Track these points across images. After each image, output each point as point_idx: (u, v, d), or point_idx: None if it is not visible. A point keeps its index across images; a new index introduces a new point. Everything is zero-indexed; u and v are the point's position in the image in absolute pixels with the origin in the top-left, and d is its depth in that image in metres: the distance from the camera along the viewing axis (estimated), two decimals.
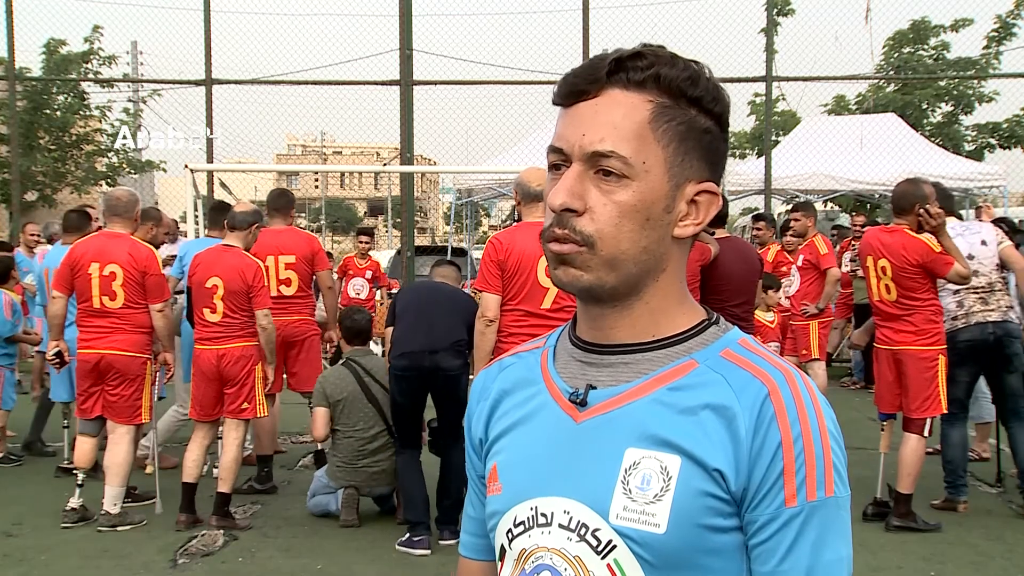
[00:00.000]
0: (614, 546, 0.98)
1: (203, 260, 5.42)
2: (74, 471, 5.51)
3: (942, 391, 5.18)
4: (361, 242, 11.20)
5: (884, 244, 5.22)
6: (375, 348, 11.22)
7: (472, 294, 13.67)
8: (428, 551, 4.92)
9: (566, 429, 1.05)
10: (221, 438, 5.55)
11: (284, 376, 6.31)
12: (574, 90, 1.02)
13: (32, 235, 9.65)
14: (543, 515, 1.03)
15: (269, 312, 5.40)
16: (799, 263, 7.77)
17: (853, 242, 10.45)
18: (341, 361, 5.79)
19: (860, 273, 9.68)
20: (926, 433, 5.23)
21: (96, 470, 5.79)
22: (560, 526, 1.02)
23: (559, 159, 1.03)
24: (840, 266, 8.73)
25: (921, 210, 5.07)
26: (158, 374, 5.73)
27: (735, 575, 0.99)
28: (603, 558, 0.99)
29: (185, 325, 5.98)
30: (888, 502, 5.41)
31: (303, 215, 53.29)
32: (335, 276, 11.52)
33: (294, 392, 6.52)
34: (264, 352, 5.43)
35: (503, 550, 1.09)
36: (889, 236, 5.25)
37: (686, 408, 0.99)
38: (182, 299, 6.43)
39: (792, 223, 8.07)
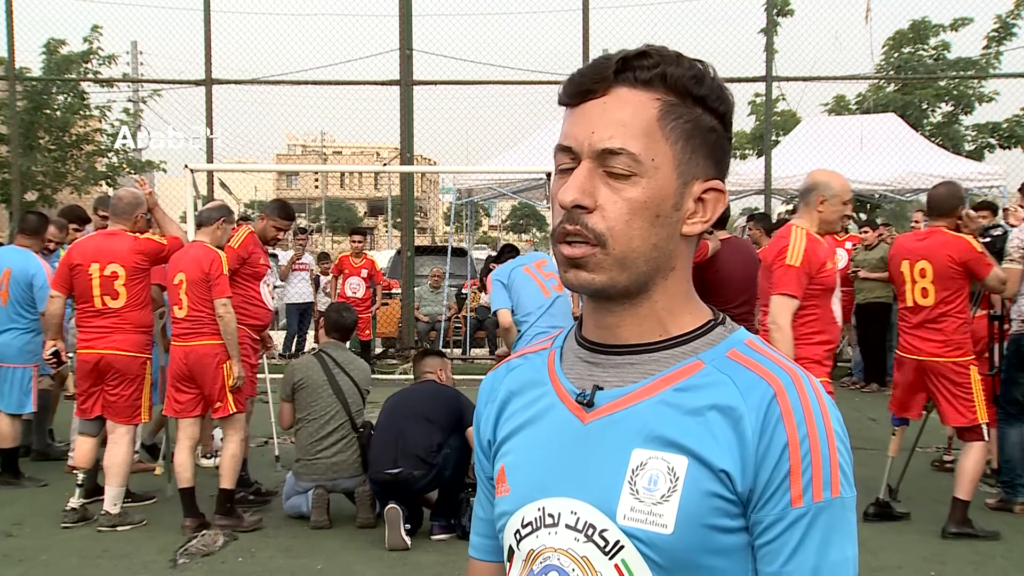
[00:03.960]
0: (621, 546, 0.98)
1: (173, 258, 5.44)
2: (74, 471, 5.51)
3: (979, 401, 5.06)
4: (355, 241, 11.24)
5: (923, 246, 5.12)
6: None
7: (475, 292, 13.60)
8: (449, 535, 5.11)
9: (573, 430, 1.05)
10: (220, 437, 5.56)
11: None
12: (581, 89, 1.02)
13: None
14: (550, 516, 1.04)
15: (228, 301, 5.32)
16: None
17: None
18: (313, 351, 5.79)
19: (861, 274, 9.73)
20: (986, 437, 5.16)
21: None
22: (567, 527, 1.02)
23: (568, 158, 1.03)
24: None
25: (964, 212, 5.07)
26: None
27: (741, 575, 0.99)
28: (611, 558, 0.99)
29: None
30: (889, 502, 5.40)
31: (303, 215, 53.35)
32: (327, 276, 11.56)
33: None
34: (227, 346, 5.35)
35: (511, 551, 1.09)
36: (927, 238, 5.16)
37: (693, 409, 0.99)
38: None
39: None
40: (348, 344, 11.16)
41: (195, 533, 5.16)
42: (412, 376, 10.83)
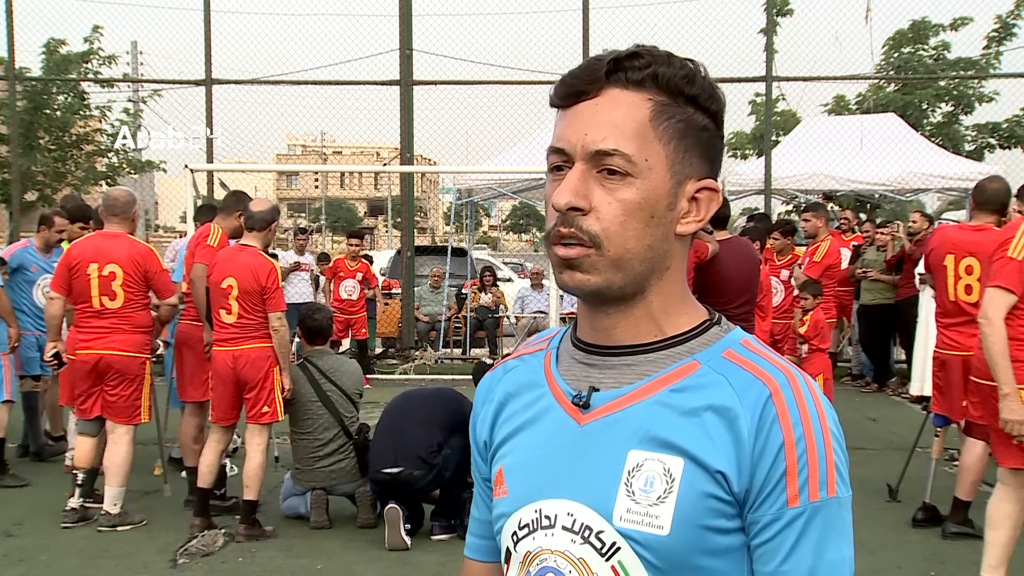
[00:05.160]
0: (618, 548, 0.99)
1: (220, 260, 5.33)
2: (74, 471, 5.50)
3: None
4: (352, 244, 11.22)
5: (971, 242, 4.94)
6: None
7: (475, 292, 13.63)
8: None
9: (570, 432, 1.05)
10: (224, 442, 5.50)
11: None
12: (573, 91, 1.02)
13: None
14: (547, 517, 1.04)
15: (283, 315, 5.26)
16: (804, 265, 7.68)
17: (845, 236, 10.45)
18: (298, 361, 5.75)
19: (871, 275, 9.70)
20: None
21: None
22: (564, 528, 1.02)
23: (561, 160, 1.03)
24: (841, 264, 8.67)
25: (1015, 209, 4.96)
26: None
27: None
28: (607, 560, 0.99)
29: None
30: (934, 506, 5.29)
31: (303, 215, 53.33)
32: (324, 277, 11.57)
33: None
34: (278, 358, 5.28)
35: (508, 553, 1.09)
36: (976, 234, 4.97)
37: (688, 410, 0.99)
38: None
39: (802, 224, 8.01)
40: (348, 343, 11.22)
41: (199, 533, 5.14)
42: (412, 376, 10.89)
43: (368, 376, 10.60)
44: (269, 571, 4.73)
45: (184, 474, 5.95)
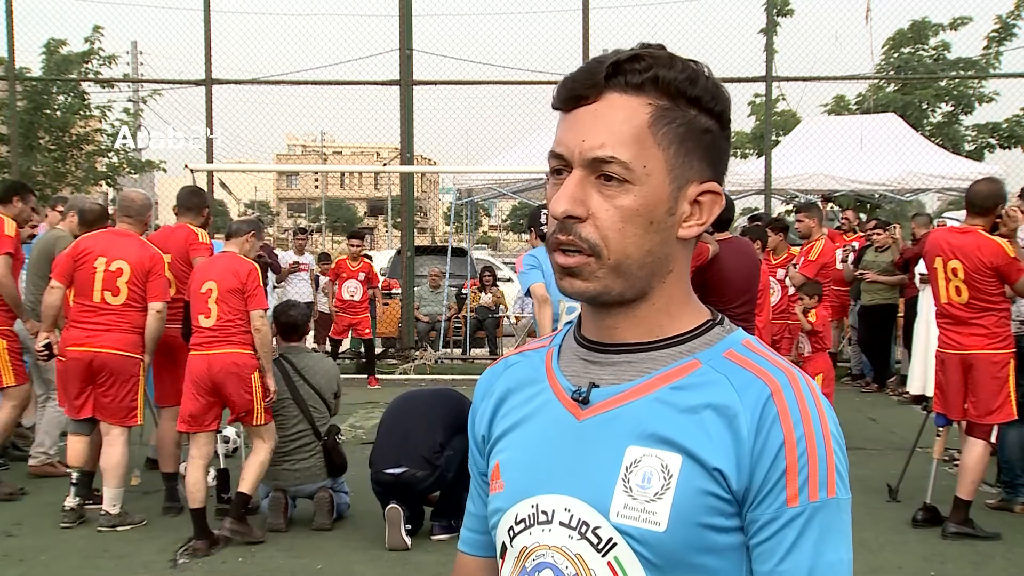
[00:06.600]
0: (614, 544, 0.99)
1: (199, 269, 5.34)
2: (68, 470, 5.49)
3: (1013, 395, 5.02)
4: (353, 245, 11.20)
5: (956, 245, 5.03)
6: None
7: (475, 292, 13.63)
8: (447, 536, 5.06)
9: (568, 427, 1.05)
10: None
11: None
12: (573, 95, 1.02)
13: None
14: (544, 513, 1.04)
15: (264, 314, 5.22)
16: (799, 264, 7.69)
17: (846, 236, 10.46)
18: (274, 357, 5.67)
19: (868, 277, 9.70)
20: (993, 439, 5.08)
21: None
22: (561, 524, 1.02)
23: (560, 164, 1.03)
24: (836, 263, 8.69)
25: (1007, 211, 4.96)
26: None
27: (735, 575, 0.99)
28: (604, 556, 0.99)
29: None
30: (934, 507, 5.30)
31: (303, 215, 53.33)
32: (327, 279, 11.55)
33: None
34: (261, 359, 5.21)
35: (504, 548, 1.09)
36: (962, 237, 5.05)
37: (688, 407, 0.99)
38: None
39: (796, 224, 8.02)
40: (349, 343, 11.19)
41: (209, 552, 4.98)
42: (412, 376, 10.89)
43: (374, 376, 10.61)
44: (269, 571, 4.73)
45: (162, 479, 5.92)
